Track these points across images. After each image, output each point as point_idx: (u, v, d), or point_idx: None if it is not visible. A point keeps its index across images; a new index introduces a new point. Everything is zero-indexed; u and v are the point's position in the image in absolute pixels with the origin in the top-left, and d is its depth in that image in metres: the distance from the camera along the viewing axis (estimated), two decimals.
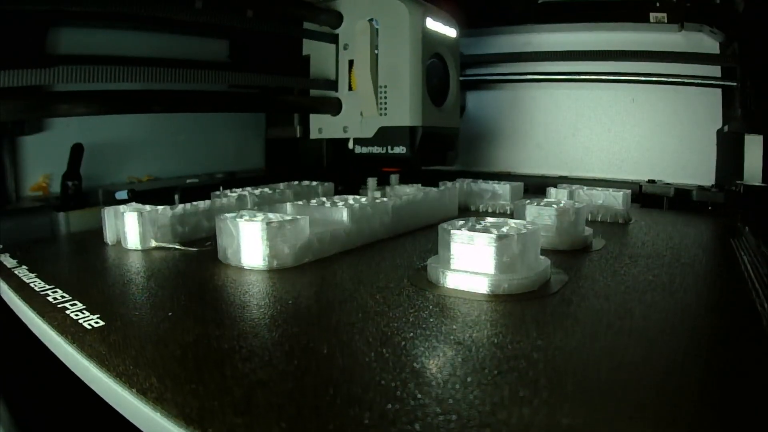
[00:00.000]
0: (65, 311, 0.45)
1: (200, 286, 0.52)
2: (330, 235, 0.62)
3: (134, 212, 0.64)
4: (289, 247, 0.56)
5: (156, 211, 0.67)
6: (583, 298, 0.49)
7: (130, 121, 1.17)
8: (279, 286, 0.51)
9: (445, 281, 0.50)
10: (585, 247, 0.67)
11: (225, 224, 0.57)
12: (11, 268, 0.59)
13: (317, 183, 1.03)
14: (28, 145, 1.08)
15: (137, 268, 0.58)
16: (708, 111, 1.22)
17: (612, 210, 0.86)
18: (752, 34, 1.08)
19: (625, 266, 0.59)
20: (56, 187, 1.06)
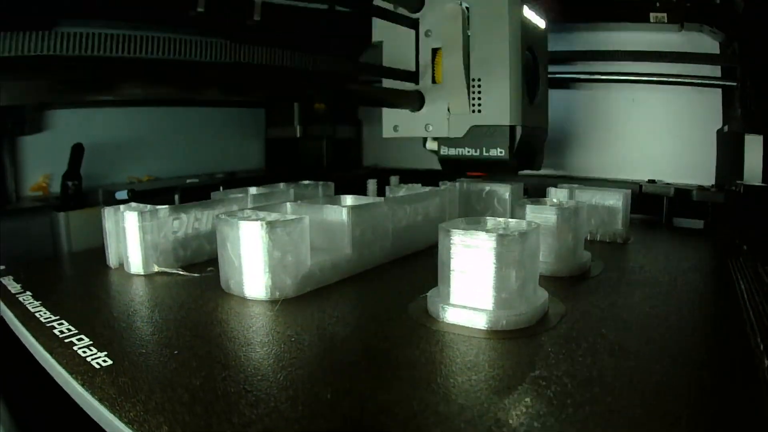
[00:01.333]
0: (72, 347, 0.46)
1: (204, 320, 0.52)
2: (331, 264, 0.63)
3: (137, 237, 0.65)
4: (291, 278, 0.57)
5: (156, 211, 0.67)
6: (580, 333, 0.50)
7: (130, 121, 1.17)
8: (282, 320, 0.52)
9: (445, 316, 0.51)
10: (584, 272, 0.68)
11: (227, 253, 0.58)
12: (16, 294, 0.60)
13: (314, 184, 1.00)
14: (28, 145, 1.08)
15: (141, 298, 0.59)
16: (708, 111, 1.22)
17: (611, 229, 0.87)
18: (752, 34, 1.08)
19: (623, 295, 0.60)
20: (56, 187, 1.06)
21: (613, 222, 0.86)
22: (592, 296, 0.60)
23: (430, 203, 0.80)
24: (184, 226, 0.70)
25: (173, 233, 0.68)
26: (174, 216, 0.68)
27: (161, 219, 0.67)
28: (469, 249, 0.49)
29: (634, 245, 0.86)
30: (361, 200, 0.76)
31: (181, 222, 0.69)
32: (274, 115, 1.35)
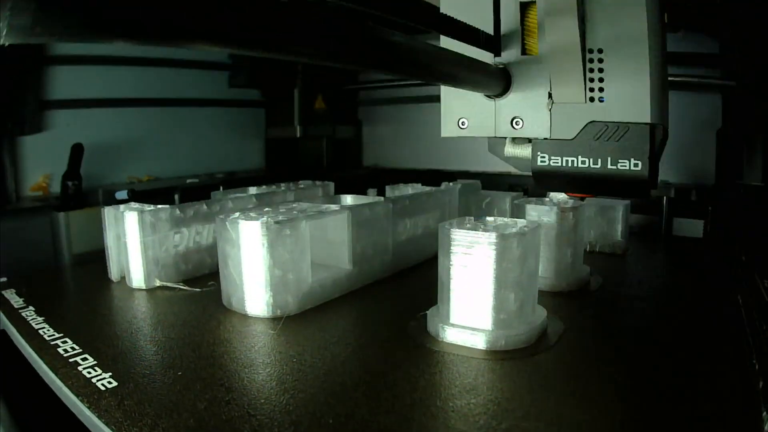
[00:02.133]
0: (77, 367, 0.47)
1: (207, 339, 0.53)
2: (332, 281, 0.63)
3: (138, 251, 0.65)
4: (293, 296, 0.58)
5: (157, 212, 0.67)
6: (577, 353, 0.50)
7: (130, 121, 1.17)
8: (283, 339, 0.53)
9: (444, 336, 0.52)
10: (583, 287, 0.68)
11: (229, 272, 0.58)
12: (19, 309, 0.61)
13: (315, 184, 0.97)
14: (28, 145, 1.08)
15: (143, 314, 0.60)
16: (708, 111, 1.22)
17: (611, 240, 0.87)
18: (752, 34, 1.08)
19: (621, 312, 0.61)
20: (56, 187, 1.06)
21: (613, 233, 0.86)
22: (590, 313, 0.61)
23: (430, 216, 0.80)
24: (185, 240, 0.70)
25: (174, 247, 0.69)
26: (175, 230, 0.69)
27: (163, 233, 0.67)
28: (469, 247, 0.49)
29: (634, 256, 0.86)
30: (360, 200, 0.76)
31: (182, 236, 0.69)
32: (274, 115, 1.35)
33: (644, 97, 0.53)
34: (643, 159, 0.53)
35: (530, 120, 0.57)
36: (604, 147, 0.55)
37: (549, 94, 0.56)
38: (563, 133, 0.56)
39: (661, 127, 0.54)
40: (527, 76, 0.57)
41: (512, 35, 0.58)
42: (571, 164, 0.56)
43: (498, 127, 0.59)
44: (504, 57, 0.58)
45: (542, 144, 0.57)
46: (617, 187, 0.55)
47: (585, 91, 0.54)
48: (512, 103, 0.58)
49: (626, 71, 0.52)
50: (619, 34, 0.53)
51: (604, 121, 0.54)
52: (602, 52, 0.53)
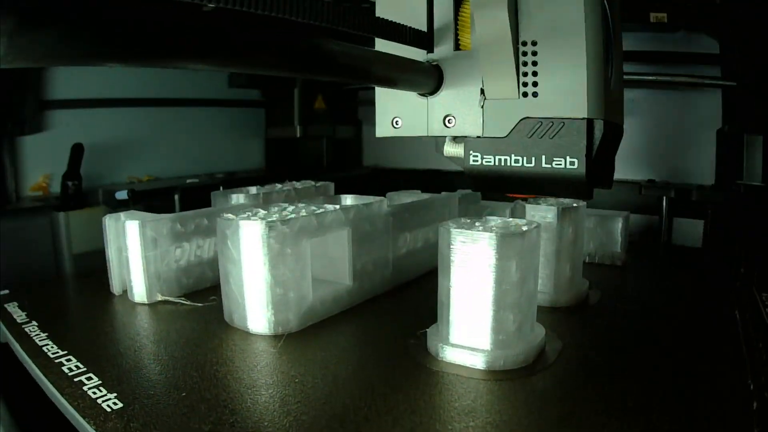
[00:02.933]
0: (82, 387, 0.47)
1: (210, 358, 0.53)
2: (332, 298, 0.64)
3: (140, 266, 0.65)
4: (294, 314, 0.58)
5: (158, 226, 0.68)
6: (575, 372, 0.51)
7: (130, 121, 1.18)
8: (285, 358, 0.53)
9: (444, 356, 0.52)
10: (582, 302, 0.69)
11: (230, 289, 0.59)
12: (22, 324, 0.61)
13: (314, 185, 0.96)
14: (28, 145, 1.09)
15: (146, 331, 0.60)
16: (708, 111, 1.22)
17: (610, 251, 0.87)
18: (752, 34, 1.08)
19: (619, 330, 0.62)
20: (56, 187, 1.07)
21: (612, 245, 0.86)
22: (588, 329, 0.61)
23: (430, 229, 0.80)
24: (186, 254, 0.71)
25: (176, 261, 0.69)
26: (176, 244, 0.69)
27: (164, 248, 0.68)
28: (469, 246, 0.50)
29: (633, 268, 0.87)
30: (360, 199, 0.76)
31: (183, 250, 0.70)
32: (274, 115, 1.35)
33: (580, 91, 0.49)
34: (579, 156, 0.50)
35: (462, 117, 0.54)
36: (538, 144, 0.51)
37: (481, 90, 0.53)
38: (496, 130, 0.53)
39: (602, 122, 0.49)
40: (460, 72, 0.54)
41: (446, 30, 0.55)
42: (504, 163, 0.53)
43: (430, 126, 0.56)
44: (437, 53, 0.55)
45: (474, 142, 0.54)
46: (554, 187, 0.52)
47: (518, 86, 0.51)
48: (444, 101, 0.55)
49: (561, 64, 0.49)
50: (553, 26, 0.49)
51: (538, 117, 0.51)
52: (536, 45, 0.50)
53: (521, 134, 0.51)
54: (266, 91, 1.36)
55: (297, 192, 0.87)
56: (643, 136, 1.28)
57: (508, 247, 0.49)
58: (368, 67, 0.44)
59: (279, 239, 0.56)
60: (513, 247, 0.50)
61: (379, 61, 0.46)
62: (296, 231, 0.58)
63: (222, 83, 1.32)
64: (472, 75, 0.53)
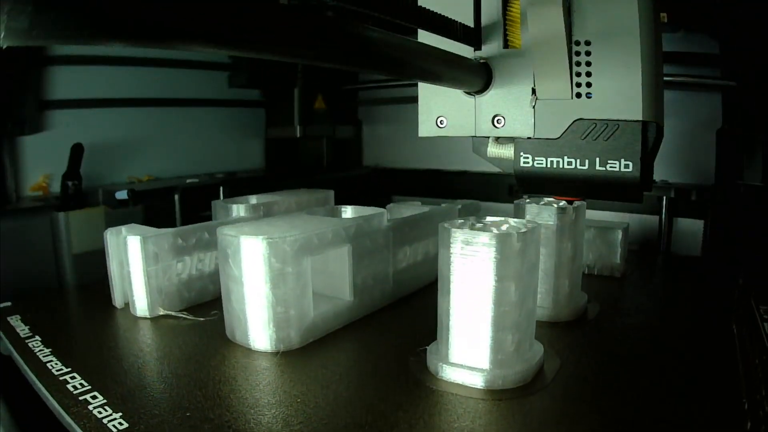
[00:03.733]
0: (88, 406, 0.48)
1: (213, 376, 0.54)
2: (333, 314, 0.64)
3: (142, 281, 0.66)
4: (295, 331, 0.59)
5: (159, 241, 0.68)
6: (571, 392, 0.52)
7: (130, 121, 1.17)
8: (287, 376, 0.54)
9: (443, 374, 0.53)
10: (580, 316, 0.69)
11: (232, 307, 0.59)
12: (25, 338, 0.62)
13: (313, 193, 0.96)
14: (28, 145, 1.08)
15: (149, 347, 0.61)
16: (708, 111, 1.22)
17: (609, 263, 0.87)
18: (752, 34, 1.08)
19: (616, 346, 0.62)
20: (56, 187, 1.06)
21: (612, 256, 0.87)
22: (586, 345, 0.62)
23: (430, 242, 0.80)
24: (188, 268, 0.71)
25: (177, 275, 0.70)
26: (178, 259, 0.70)
27: (166, 263, 0.68)
28: (470, 246, 0.50)
29: (632, 280, 0.87)
30: (360, 211, 0.76)
31: (184, 264, 0.70)
32: (274, 114, 1.34)
33: (636, 93, 0.48)
34: (634, 159, 0.49)
35: (512, 118, 0.52)
36: (592, 147, 0.50)
37: (533, 90, 0.51)
38: (548, 131, 0.51)
39: (655, 125, 0.49)
40: (509, 71, 0.52)
41: (494, 28, 0.53)
42: (556, 165, 0.51)
43: (478, 126, 0.54)
44: (485, 51, 0.53)
45: (525, 143, 0.52)
46: (607, 190, 0.51)
47: (571, 87, 0.50)
48: (493, 100, 0.53)
49: (616, 65, 0.48)
50: (608, 25, 0.48)
51: (592, 119, 0.50)
52: (590, 45, 0.49)
53: (575, 136, 0.50)
54: (266, 91, 1.36)
55: (297, 204, 0.87)
56: None
57: (507, 246, 0.50)
58: (412, 60, 0.41)
59: (280, 258, 0.56)
60: (513, 246, 0.50)
61: (426, 54, 0.43)
62: (297, 249, 0.58)
63: (222, 83, 1.31)
64: (523, 74, 0.52)
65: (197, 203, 1.11)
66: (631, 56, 0.47)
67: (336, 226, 0.63)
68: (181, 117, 1.24)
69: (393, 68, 0.42)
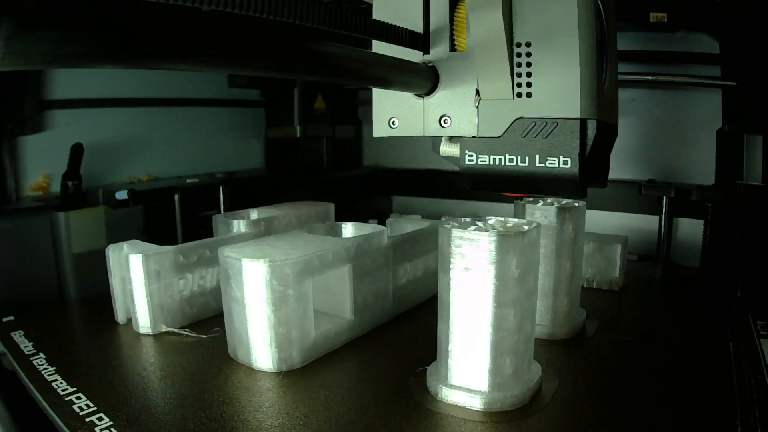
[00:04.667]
0: (94, 428, 0.49)
1: (217, 397, 0.54)
2: (334, 333, 0.65)
3: (144, 299, 0.67)
4: (297, 351, 0.60)
5: (161, 259, 0.68)
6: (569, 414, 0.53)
7: (130, 121, 1.17)
8: (290, 397, 0.55)
9: (443, 396, 0.54)
10: (578, 334, 0.70)
11: (234, 327, 0.60)
12: (29, 355, 0.63)
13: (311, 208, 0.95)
14: (28, 145, 1.08)
15: (153, 366, 0.62)
16: (708, 111, 1.22)
17: (608, 277, 0.88)
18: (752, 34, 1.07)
19: (613, 364, 0.63)
20: (56, 187, 1.07)
21: (610, 270, 0.87)
22: (584, 364, 0.63)
23: (431, 257, 0.81)
24: (190, 284, 0.72)
25: (179, 292, 0.71)
26: (180, 276, 0.70)
27: (168, 280, 0.69)
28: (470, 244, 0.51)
29: (630, 293, 0.88)
30: (361, 229, 0.76)
31: (186, 281, 0.71)
32: (274, 114, 1.34)
33: (573, 91, 0.50)
34: (572, 156, 0.51)
35: (458, 118, 0.55)
36: (532, 144, 0.52)
37: (476, 91, 0.54)
38: (490, 130, 0.54)
39: (594, 122, 0.50)
40: (455, 73, 0.55)
41: (442, 32, 0.55)
42: (499, 162, 0.53)
43: (427, 126, 0.57)
44: (432, 54, 0.55)
45: (470, 142, 0.55)
46: (548, 186, 0.53)
47: (512, 87, 0.52)
48: (440, 101, 0.56)
49: (555, 65, 0.50)
50: (548, 27, 0.50)
51: (532, 117, 0.52)
52: (530, 46, 0.50)
53: (515, 134, 0.52)
54: (266, 91, 1.35)
55: (298, 218, 0.88)
56: (643, 136, 1.28)
57: (508, 245, 0.51)
58: (364, 69, 0.45)
59: (281, 280, 0.57)
60: (513, 246, 0.51)
61: (376, 62, 0.47)
62: (298, 272, 0.58)
63: (222, 83, 1.31)
64: (467, 76, 0.54)
65: (197, 203, 1.12)
66: (569, 56, 0.49)
67: (336, 247, 0.64)
68: (181, 117, 1.24)
69: (350, 78, 0.47)
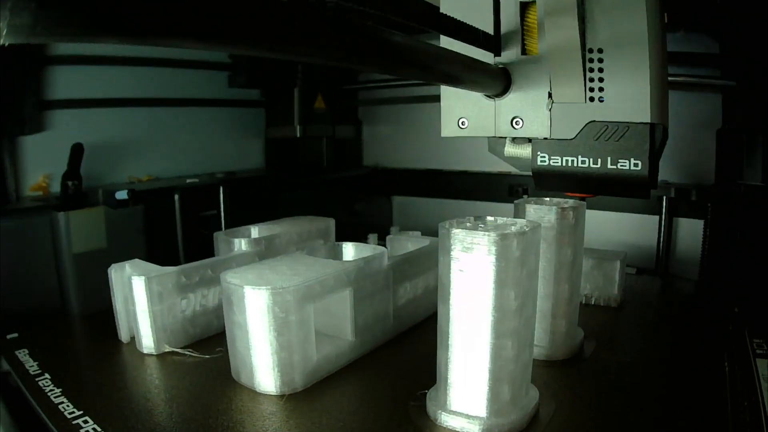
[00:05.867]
0: None
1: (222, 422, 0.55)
2: (335, 355, 0.66)
3: (147, 320, 0.68)
4: (299, 374, 0.61)
5: (163, 280, 0.69)
6: None
7: (130, 121, 1.17)
8: (292, 422, 0.56)
9: (442, 422, 0.55)
10: (576, 354, 0.70)
11: (237, 350, 0.61)
12: (35, 376, 0.63)
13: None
14: (28, 145, 1.08)
15: (157, 387, 0.63)
16: (708, 111, 1.22)
17: (606, 293, 0.88)
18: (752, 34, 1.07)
19: (609, 386, 0.64)
20: (56, 187, 1.07)
21: (609, 287, 0.87)
22: (580, 386, 0.63)
23: (430, 275, 0.81)
24: (192, 304, 0.73)
25: (182, 312, 0.72)
26: (182, 296, 0.71)
27: (170, 301, 0.70)
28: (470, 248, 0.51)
29: (627, 310, 0.88)
30: (362, 251, 0.77)
31: (188, 301, 0.72)
32: (274, 114, 1.34)
33: (644, 97, 0.53)
34: (643, 158, 0.54)
35: (530, 120, 0.57)
36: (604, 147, 0.55)
37: (549, 94, 0.56)
38: (563, 132, 0.57)
39: (662, 127, 0.54)
40: (527, 76, 0.57)
41: (512, 35, 0.58)
42: (571, 164, 0.57)
43: (498, 127, 0.60)
44: (504, 57, 0.58)
45: (542, 144, 0.58)
46: (617, 187, 0.56)
47: (585, 91, 0.55)
48: (512, 103, 0.58)
49: (626, 71, 0.53)
50: (619, 34, 0.53)
51: (604, 121, 0.55)
52: (602, 52, 0.54)
53: (588, 137, 0.56)
54: (266, 90, 1.35)
55: (299, 235, 0.89)
56: None
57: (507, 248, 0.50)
58: (437, 65, 0.44)
59: (283, 308, 0.58)
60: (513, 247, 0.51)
61: (450, 59, 0.46)
62: (300, 298, 0.59)
63: (222, 83, 1.30)
64: (539, 79, 0.57)
65: (197, 203, 1.12)
66: (639, 62, 0.52)
67: (337, 271, 0.64)
68: (181, 117, 1.24)
69: (419, 73, 0.47)
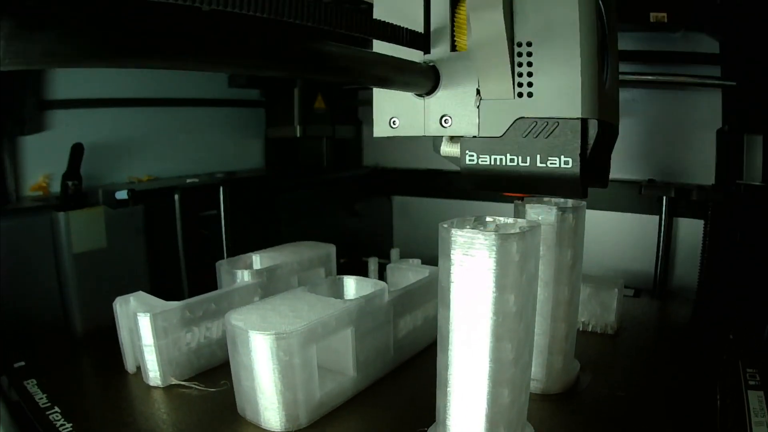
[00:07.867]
0: None
1: None
2: (338, 391, 0.67)
3: (153, 354, 0.70)
4: (302, 412, 0.63)
5: (168, 311, 0.71)
6: None
7: (130, 121, 1.17)
8: None
9: None
10: (571, 387, 0.71)
11: (242, 387, 0.63)
12: (45, 409, 0.64)
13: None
14: (28, 145, 1.09)
15: (165, 423, 0.64)
16: (708, 111, 1.22)
17: (603, 321, 0.88)
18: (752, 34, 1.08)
19: (604, 422, 0.65)
20: (56, 187, 1.07)
21: (606, 315, 0.88)
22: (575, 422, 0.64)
23: (430, 305, 0.82)
24: (197, 337, 0.75)
25: (186, 345, 0.73)
26: (187, 329, 0.73)
27: (176, 335, 0.72)
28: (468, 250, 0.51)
29: (625, 336, 0.88)
30: (363, 286, 0.78)
31: (193, 335, 0.74)
32: (274, 114, 1.34)
33: (574, 91, 0.49)
34: (573, 156, 0.50)
35: (458, 117, 0.54)
36: (533, 144, 0.51)
37: (477, 91, 0.53)
38: (491, 130, 0.53)
39: (596, 122, 0.50)
40: (456, 73, 0.54)
41: (443, 32, 0.55)
42: (499, 162, 0.53)
43: (427, 126, 0.56)
44: (433, 54, 0.55)
45: (471, 142, 0.54)
46: (549, 186, 0.52)
47: (513, 87, 0.51)
48: (441, 101, 0.55)
49: (556, 64, 0.49)
50: (548, 26, 0.49)
51: (533, 117, 0.51)
52: (531, 45, 0.50)
53: (516, 134, 0.51)
54: (266, 91, 1.35)
55: (300, 264, 0.91)
56: (642, 135, 1.28)
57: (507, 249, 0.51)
58: (365, 68, 0.45)
59: (287, 351, 0.60)
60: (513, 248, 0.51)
61: (376, 62, 0.47)
62: (303, 342, 0.61)
63: (222, 83, 1.31)
64: (468, 76, 0.53)
65: (197, 203, 1.12)
66: (570, 55, 0.48)
67: (339, 311, 0.66)
68: (182, 117, 1.24)
69: (351, 77, 0.46)
